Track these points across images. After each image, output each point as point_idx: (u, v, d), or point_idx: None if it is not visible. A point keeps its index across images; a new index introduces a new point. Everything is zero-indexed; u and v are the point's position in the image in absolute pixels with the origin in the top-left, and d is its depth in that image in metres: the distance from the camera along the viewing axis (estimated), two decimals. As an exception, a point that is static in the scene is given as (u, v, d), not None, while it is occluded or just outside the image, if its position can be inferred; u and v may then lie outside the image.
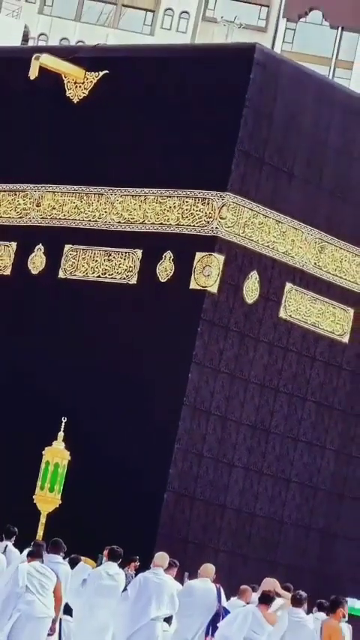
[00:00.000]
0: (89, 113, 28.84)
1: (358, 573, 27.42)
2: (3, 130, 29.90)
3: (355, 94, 31.44)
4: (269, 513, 27.16)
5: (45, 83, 28.98)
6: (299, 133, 27.96)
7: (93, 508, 24.88)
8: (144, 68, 29.52)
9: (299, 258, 28.05)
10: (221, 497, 26.67)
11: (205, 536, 25.84)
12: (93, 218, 28.57)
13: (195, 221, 27.29)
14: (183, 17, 75.36)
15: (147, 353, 26.70)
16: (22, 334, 28.38)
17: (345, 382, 28.66)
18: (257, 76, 27.58)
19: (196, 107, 27.34)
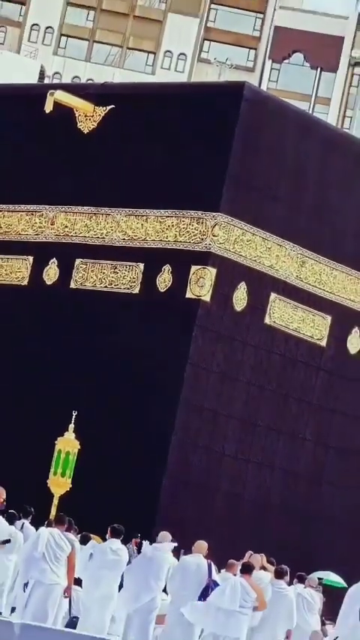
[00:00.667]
0: (98, 143, 28.89)
1: (333, 549, 27.43)
2: (21, 157, 29.93)
3: (332, 127, 31.64)
4: (256, 497, 27.19)
5: (59, 116, 29.01)
6: (283, 161, 28.01)
7: (99, 491, 24.90)
8: (146, 103, 29.58)
9: (283, 271, 28.09)
10: (213, 483, 26.67)
11: (199, 516, 25.86)
12: (101, 235, 28.61)
13: (190, 238, 27.32)
14: (181, 58, 75.36)
15: (148, 354, 26.72)
16: (37, 337, 28.38)
17: (322, 381, 28.68)
18: (246, 111, 27.63)
19: (191, 137, 27.37)
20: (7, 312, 29.27)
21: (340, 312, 29.03)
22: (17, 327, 28.97)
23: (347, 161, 29.42)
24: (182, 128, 27.64)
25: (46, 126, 29.24)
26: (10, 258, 30.09)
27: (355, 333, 29.39)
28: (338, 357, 29.01)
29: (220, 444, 26.99)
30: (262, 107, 28.95)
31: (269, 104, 30.41)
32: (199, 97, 30.22)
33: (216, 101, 28.47)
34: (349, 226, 29.04)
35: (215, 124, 27.35)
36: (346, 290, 29.18)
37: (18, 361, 28.43)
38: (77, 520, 20.21)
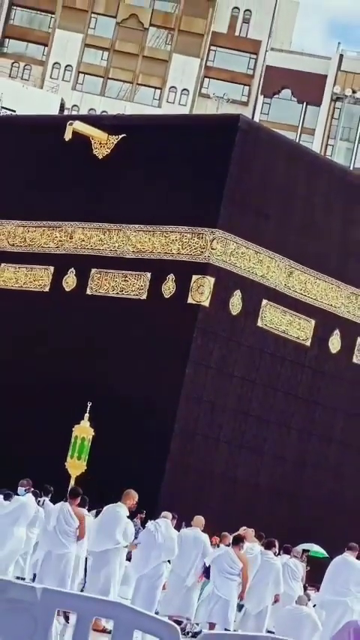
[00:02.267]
0: (111, 167, 28.90)
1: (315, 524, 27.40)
2: (44, 179, 29.94)
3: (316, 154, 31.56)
4: (248, 478, 27.18)
5: (77, 143, 29.02)
6: (273, 184, 28.04)
7: (110, 473, 24.90)
8: (153, 133, 29.61)
9: (273, 280, 28.10)
10: (210, 466, 26.67)
11: (197, 495, 25.86)
12: (113, 248, 28.62)
13: (192, 251, 27.33)
14: (184, 93, 75.39)
15: (153, 352, 26.74)
16: (58, 337, 28.39)
17: (307, 377, 28.70)
18: (240, 140, 27.66)
19: (192, 162, 27.40)
20: (32, 314, 29.29)
21: (322, 317, 29.04)
22: (40, 327, 28.98)
23: (330, 184, 29.46)
24: (184, 154, 27.67)
25: (66, 152, 29.26)
26: (34, 267, 30.09)
27: (335, 335, 29.39)
28: (321, 356, 29.02)
29: (216, 431, 27.00)
30: (255, 136, 28.98)
31: (261, 134, 30.43)
32: (200, 127, 30.26)
33: (214, 131, 28.52)
34: (331, 241, 29.06)
35: (213, 151, 27.39)
36: (328, 297, 29.18)
37: (40, 358, 28.45)
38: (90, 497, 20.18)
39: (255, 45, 76.00)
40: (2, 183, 31.29)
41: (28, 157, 30.64)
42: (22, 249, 30.39)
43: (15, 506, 19.02)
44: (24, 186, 30.40)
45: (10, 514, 18.98)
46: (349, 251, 29.39)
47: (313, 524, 27.37)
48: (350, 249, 29.40)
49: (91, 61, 76.25)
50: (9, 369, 28.83)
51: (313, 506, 28.08)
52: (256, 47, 75.99)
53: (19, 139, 31.64)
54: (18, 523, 18.90)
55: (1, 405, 28.18)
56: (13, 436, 27.13)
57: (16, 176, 30.78)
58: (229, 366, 27.27)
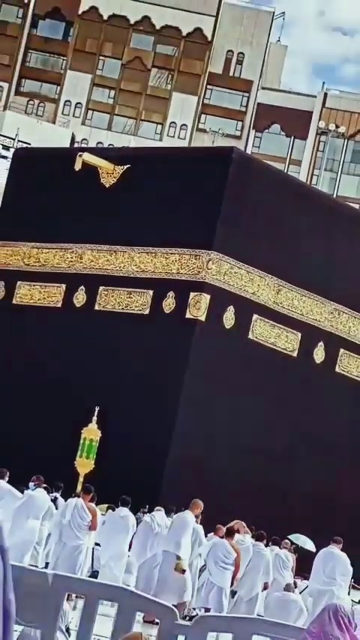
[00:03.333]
0: (117, 195, 28.94)
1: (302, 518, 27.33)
2: (56, 205, 29.96)
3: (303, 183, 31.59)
4: (241, 475, 27.09)
5: (86, 173, 29.07)
6: (263, 210, 28.06)
7: (115, 471, 24.91)
8: (155, 164, 29.67)
9: (262, 297, 28.11)
10: (207, 464, 26.61)
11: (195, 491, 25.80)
12: (119, 268, 28.64)
13: (190, 271, 27.36)
14: (183, 128, 75.51)
15: (156, 362, 26.72)
16: (69, 348, 28.38)
17: (293, 385, 28.67)
18: (234, 170, 27.70)
19: (190, 191, 27.44)
20: (45, 328, 29.30)
21: (308, 330, 29.04)
22: (53, 340, 28.98)
23: (315, 211, 29.47)
24: (183, 183, 27.72)
25: (76, 181, 29.30)
26: (47, 285, 30.11)
27: (320, 347, 29.38)
28: (306, 366, 29.00)
29: (211, 433, 26.96)
30: (247, 167, 29.04)
31: (253, 165, 30.50)
32: (197, 158, 30.32)
33: (210, 162, 28.58)
34: (315, 262, 29.05)
35: (209, 180, 27.44)
36: (313, 312, 29.19)
37: (53, 367, 28.44)
38: (98, 493, 20.19)
39: (247, 84, 76.20)
40: (18, 208, 31.34)
41: (42, 185, 30.69)
42: (36, 268, 30.42)
43: (25, 500, 19.04)
44: (38, 212, 30.43)
45: (22, 507, 19.00)
46: (332, 271, 29.41)
47: (300, 518, 27.33)
48: (333, 269, 29.42)
49: (99, 99, 76.42)
50: (25, 377, 28.84)
51: (300, 502, 28.04)
52: (248, 86, 76.19)
53: (34, 169, 31.72)
54: (29, 515, 18.91)
55: (17, 410, 28.18)
56: (28, 437, 27.12)
57: (31, 202, 30.83)
58: (223, 374, 27.26)
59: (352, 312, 29.91)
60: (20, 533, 18.79)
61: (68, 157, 30.24)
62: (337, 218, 30.20)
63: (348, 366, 30.05)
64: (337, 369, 29.81)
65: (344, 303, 29.68)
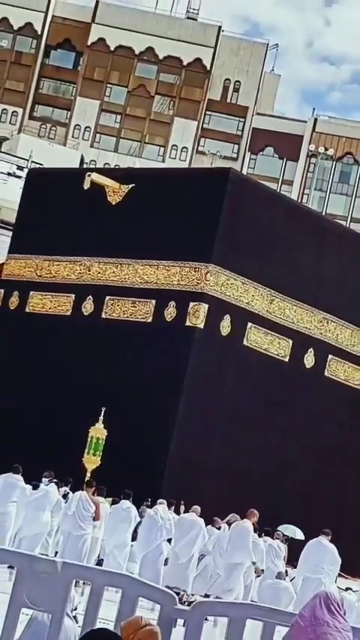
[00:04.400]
0: (122, 212, 28.97)
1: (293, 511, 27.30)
2: (66, 221, 30.01)
3: (294, 202, 31.59)
4: (237, 472, 27.08)
5: (94, 192, 29.12)
6: (257, 226, 28.09)
7: (120, 467, 24.91)
8: (158, 183, 29.71)
9: (256, 307, 28.12)
10: (205, 462, 26.58)
11: (194, 486, 25.81)
12: (124, 279, 28.65)
13: (190, 282, 27.37)
14: (183, 150, 75.60)
15: (158, 366, 26.73)
16: (78, 353, 28.39)
17: (285, 388, 28.68)
18: (231, 189, 27.73)
19: (190, 208, 27.46)
20: (56, 334, 29.31)
21: (298, 337, 29.05)
22: (63, 346, 29.00)
23: (305, 227, 29.52)
24: (184, 201, 27.75)
25: (85, 199, 29.36)
26: (58, 295, 30.13)
27: (310, 353, 29.39)
28: (297, 371, 29.01)
29: (210, 433, 26.95)
30: (243, 187, 29.07)
31: (248, 184, 30.52)
32: (197, 178, 30.35)
33: (209, 182, 28.60)
34: (306, 274, 29.09)
35: (208, 198, 27.47)
36: (303, 321, 29.20)
37: (63, 371, 28.45)
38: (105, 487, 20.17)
39: (243, 110, 76.32)
40: (32, 224, 31.38)
41: (54, 203, 30.73)
42: (47, 279, 30.43)
43: (41, 494, 19.05)
44: (50, 227, 30.46)
45: (37, 500, 19.01)
46: (321, 282, 29.43)
47: (291, 512, 27.31)
48: (321, 281, 29.44)
49: (106, 123, 76.51)
50: (37, 380, 28.84)
51: (291, 497, 28.02)
52: (244, 112, 76.30)
53: (46, 188, 31.75)
54: (43, 508, 18.91)
55: (30, 410, 28.18)
56: (40, 435, 27.12)
57: (43, 218, 30.87)
58: (220, 378, 27.27)
59: (340, 321, 29.91)
60: (35, 525, 18.79)
61: (78, 177, 30.28)
62: (325, 234, 30.23)
63: (336, 371, 30.05)
64: (326, 374, 29.82)
65: (332, 313, 29.69)
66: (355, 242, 31.76)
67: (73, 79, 76.90)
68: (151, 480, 24.78)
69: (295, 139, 73.97)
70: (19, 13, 75.14)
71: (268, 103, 78.00)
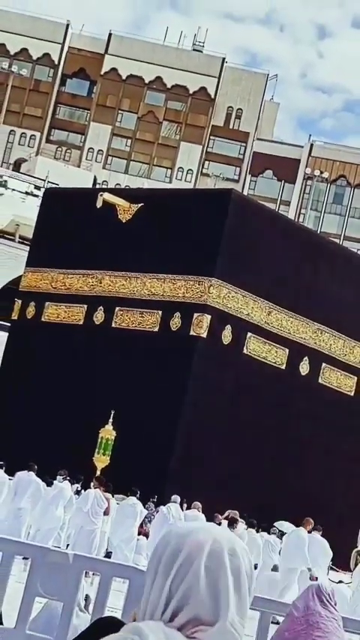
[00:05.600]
0: (132, 229, 29.00)
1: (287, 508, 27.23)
2: (80, 237, 30.04)
3: (291, 221, 31.59)
4: (235, 472, 27.01)
5: (105, 210, 29.15)
6: (256, 244, 28.09)
7: (128, 466, 24.89)
8: (165, 203, 29.74)
9: (255, 318, 28.12)
10: (206, 462, 26.54)
11: (195, 484, 25.77)
12: (133, 291, 28.67)
13: (194, 294, 27.38)
14: (189, 172, 75.69)
15: (164, 373, 26.72)
16: (89, 360, 28.41)
17: (281, 393, 28.64)
18: (232, 209, 27.76)
19: (195, 226, 27.47)
20: (69, 342, 29.32)
21: (294, 347, 29.04)
22: (76, 352, 29.01)
23: (301, 244, 29.52)
24: (189, 220, 27.77)
25: (97, 216, 29.39)
26: (71, 306, 30.16)
27: (305, 361, 29.37)
28: (293, 378, 28.98)
29: (211, 434, 26.91)
30: (244, 207, 29.11)
31: (248, 204, 30.57)
32: (201, 199, 30.39)
33: (212, 202, 28.63)
34: (301, 288, 29.09)
35: (211, 217, 27.48)
36: (299, 331, 29.19)
37: (75, 376, 28.46)
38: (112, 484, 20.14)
39: (245, 135, 76.42)
40: (48, 239, 31.41)
41: (68, 220, 30.77)
42: (62, 291, 30.46)
43: (56, 491, 19.04)
44: (64, 243, 30.50)
45: (54, 497, 19.00)
46: (316, 296, 29.42)
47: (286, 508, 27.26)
48: (316, 295, 29.43)
49: (118, 147, 76.67)
50: (51, 384, 28.84)
51: (286, 494, 27.97)
52: (245, 137, 76.40)
53: (61, 206, 31.79)
54: (57, 504, 18.90)
55: (44, 412, 28.17)
56: (54, 436, 27.10)
57: (58, 234, 30.90)
58: (221, 384, 27.26)
59: (333, 332, 29.90)
60: (49, 520, 18.77)
61: (91, 196, 30.32)
62: (320, 251, 30.23)
63: (329, 378, 30.02)
64: (320, 381, 29.79)
65: (326, 324, 29.68)
66: (347, 259, 31.78)
67: (87, 105, 77.08)
68: (156, 478, 24.75)
69: (293, 162, 74.04)
70: (37, 45, 75.36)
71: (268, 129, 78.11)
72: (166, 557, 1.88)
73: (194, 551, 1.86)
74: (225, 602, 1.84)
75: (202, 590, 1.85)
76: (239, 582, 1.89)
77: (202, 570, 1.85)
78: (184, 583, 1.85)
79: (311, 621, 4.52)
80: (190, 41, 77.83)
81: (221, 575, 1.86)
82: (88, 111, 77.00)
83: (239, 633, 1.87)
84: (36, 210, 35.36)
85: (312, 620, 4.52)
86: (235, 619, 1.85)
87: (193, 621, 1.85)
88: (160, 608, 1.87)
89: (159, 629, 1.82)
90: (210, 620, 1.84)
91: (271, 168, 74.72)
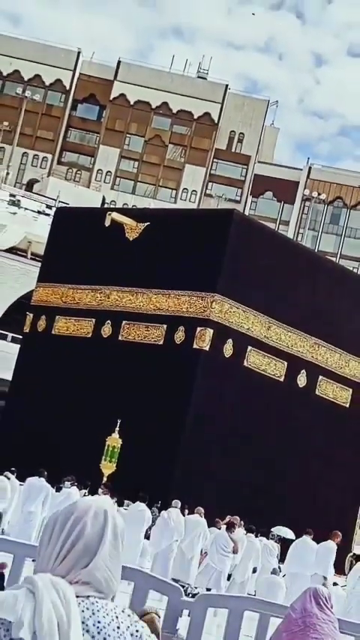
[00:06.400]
0: (139, 247, 29.04)
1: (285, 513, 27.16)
2: (89, 254, 30.05)
3: (290, 240, 31.59)
4: (235, 480, 26.94)
5: (113, 229, 29.19)
6: (257, 262, 28.08)
7: (133, 472, 24.85)
8: (170, 222, 29.81)
9: (255, 332, 28.11)
10: (208, 471, 26.47)
11: (198, 490, 25.71)
12: (139, 306, 28.69)
13: (197, 309, 27.39)
14: (193, 193, 75.82)
15: (168, 384, 26.70)
16: (97, 371, 28.40)
17: (280, 404, 28.61)
18: (234, 228, 27.79)
19: (199, 244, 27.50)
20: (78, 354, 29.33)
21: (292, 360, 29.02)
22: (84, 364, 29.02)
23: (299, 262, 29.53)
24: (193, 238, 27.80)
25: (105, 235, 29.43)
26: (80, 319, 30.18)
27: (302, 374, 29.35)
28: (291, 389, 28.96)
29: (213, 443, 26.85)
30: (245, 226, 29.14)
31: (250, 224, 30.59)
32: (205, 218, 30.45)
33: (215, 222, 28.67)
34: (299, 304, 29.08)
35: (214, 236, 27.51)
36: (296, 345, 29.17)
37: (84, 386, 28.46)
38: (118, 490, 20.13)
39: (246, 158, 76.59)
40: (59, 256, 31.46)
41: (78, 238, 30.83)
42: (72, 305, 30.49)
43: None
44: (74, 259, 30.56)
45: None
46: (313, 312, 29.41)
47: (284, 514, 27.20)
48: (313, 311, 29.41)
49: (125, 169, 76.87)
50: (60, 394, 28.84)
51: (284, 501, 27.91)
52: (247, 160, 76.57)
53: (72, 225, 31.85)
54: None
55: (54, 421, 28.16)
56: (63, 444, 27.09)
57: (69, 251, 30.96)
58: (223, 395, 27.23)
59: (329, 346, 29.89)
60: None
61: (99, 216, 30.39)
62: (317, 268, 30.25)
63: (325, 390, 30.00)
64: (317, 392, 29.76)
65: (323, 339, 29.67)
66: (343, 276, 31.80)
67: (96, 129, 77.33)
68: (160, 484, 24.70)
69: (292, 184, 74.18)
70: (50, 71, 75.69)
71: (268, 153, 78.28)
72: (60, 519, 2.29)
73: (82, 512, 2.28)
74: (102, 549, 2.25)
75: (87, 540, 2.24)
76: (115, 535, 2.29)
77: (88, 526, 2.26)
78: (72, 536, 2.25)
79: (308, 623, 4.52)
80: (195, 68, 78.20)
81: (101, 530, 2.27)
82: (97, 134, 77.23)
83: (112, 573, 2.25)
84: (47, 228, 35.43)
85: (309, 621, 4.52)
86: (107, 559, 2.24)
87: (75, 567, 2.21)
88: (51, 560, 2.23)
89: (47, 577, 2.17)
90: (89, 564, 2.24)
91: (271, 190, 74.83)
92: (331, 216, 74.72)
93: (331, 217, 74.70)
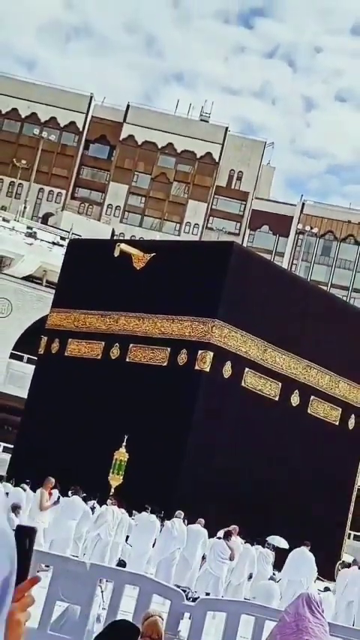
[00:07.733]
0: (146, 276, 29.07)
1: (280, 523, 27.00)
2: (99, 283, 30.08)
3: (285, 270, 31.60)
4: (235, 491, 26.78)
5: (122, 259, 29.26)
6: (254, 290, 28.12)
7: (140, 485, 24.75)
8: (174, 253, 29.84)
9: (252, 355, 28.09)
10: (210, 483, 26.28)
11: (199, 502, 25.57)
12: (145, 330, 28.69)
13: (199, 334, 27.39)
14: (195, 227, 76.03)
15: (172, 402, 26.64)
16: (106, 390, 28.35)
17: (274, 422, 28.52)
18: (234, 259, 27.83)
19: (200, 274, 27.52)
20: (88, 375, 29.29)
21: (287, 381, 28.97)
22: (94, 384, 28.97)
23: (293, 291, 29.56)
24: (195, 268, 27.83)
25: (115, 264, 29.49)
26: (91, 342, 30.17)
27: (295, 394, 29.29)
28: (285, 408, 28.88)
29: (213, 458, 26.74)
30: (243, 257, 29.20)
31: (247, 255, 30.65)
32: (206, 249, 30.52)
33: (216, 253, 28.73)
34: (293, 329, 29.08)
35: (215, 266, 27.54)
36: (290, 367, 29.14)
37: (93, 404, 28.40)
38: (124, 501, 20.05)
39: (245, 195, 76.86)
40: (71, 284, 31.50)
41: (90, 267, 30.87)
42: (83, 329, 30.50)
43: (64, 505, 18.94)
44: (86, 287, 30.58)
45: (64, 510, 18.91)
46: (305, 335, 29.39)
47: (278, 525, 27.04)
48: (306, 334, 29.40)
49: (133, 204, 77.16)
50: (72, 412, 28.78)
51: (278, 512, 27.76)
52: (245, 196, 76.84)
53: (84, 255, 31.92)
54: (67, 516, 18.80)
55: (66, 437, 28.08)
56: (73, 457, 27.00)
57: (81, 280, 30.99)
58: (222, 413, 27.16)
59: (321, 368, 29.85)
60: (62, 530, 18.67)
61: (109, 247, 30.48)
62: (310, 296, 30.27)
63: (317, 409, 29.93)
64: (309, 411, 29.69)
65: (315, 361, 29.64)
66: (333, 304, 31.82)
67: (107, 167, 77.72)
68: (164, 496, 24.60)
69: (287, 219, 74.37)
70: (64, 114, 76.19)
71: (265, 190, 78.54)
72: None
73: None
74: None
75: None
76: None
77: None
78: None
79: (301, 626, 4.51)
80: (197, 111, 78.65)
81: None
82: (108, 172, 77.63)
83: None
84: (61, 258, 35.53)
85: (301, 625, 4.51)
86: None
87: None
88: None
89: None
90: None
91: (268, 224, 75.05)
92: (323, 249, 74.87)
93: (322, 249, 74.85)
